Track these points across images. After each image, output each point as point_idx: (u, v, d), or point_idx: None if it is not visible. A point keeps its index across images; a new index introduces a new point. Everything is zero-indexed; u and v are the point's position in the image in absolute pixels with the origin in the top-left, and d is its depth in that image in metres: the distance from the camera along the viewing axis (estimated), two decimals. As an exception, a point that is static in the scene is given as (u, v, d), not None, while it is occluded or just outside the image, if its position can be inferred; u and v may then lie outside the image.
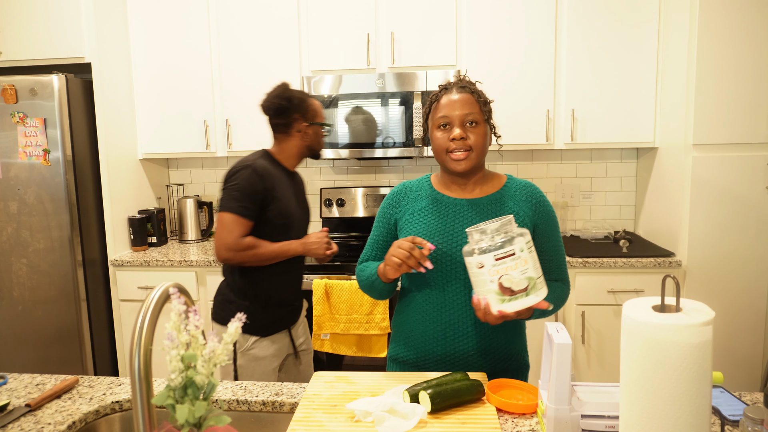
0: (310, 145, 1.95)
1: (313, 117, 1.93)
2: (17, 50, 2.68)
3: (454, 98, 1.37)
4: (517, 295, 1.16)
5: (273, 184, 1.83)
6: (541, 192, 1.43)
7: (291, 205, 1.91)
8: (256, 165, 1.81)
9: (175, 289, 0.88)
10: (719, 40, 2.33)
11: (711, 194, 2.40)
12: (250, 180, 1.78)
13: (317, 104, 1.95)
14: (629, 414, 0.82)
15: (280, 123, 1.90)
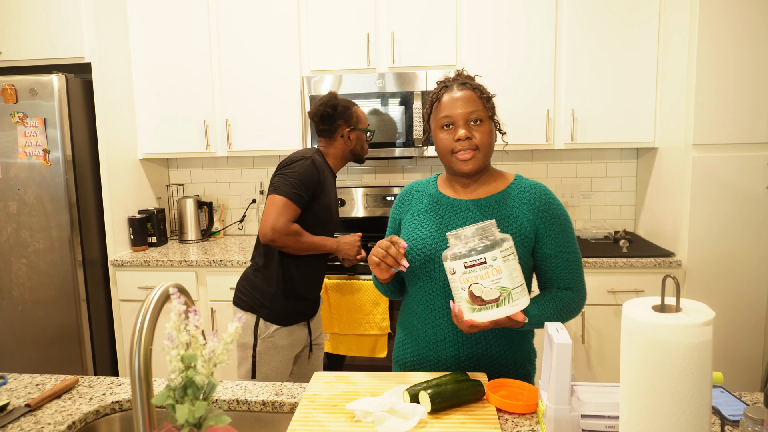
0: (354, 150, 2.07)
1: (356, 123, 2.05)
2: (17, 50, 2.68)
3: (456, 96, 1.32)
4: (487, 305, 1.12)
5: (324, 179, 1.96)
6: (548, 194, 1.33)
7: (333, 202, 2.05)
8: (315, 158, 1.94)
9: (175, 289, 0.88)
10: (719, 40, 2.33)
11: (711, 194, 2.40)
12: (308, 171, 1.90)
13: (361, 112, 2.08)
14: (629, 414, 0.82)
15: (325, 128, 2.03)
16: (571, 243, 1.33)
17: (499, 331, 1.34)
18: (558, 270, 1.33)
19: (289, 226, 1.88)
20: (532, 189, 1.34)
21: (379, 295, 2.45)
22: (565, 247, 1.32)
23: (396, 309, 2.50)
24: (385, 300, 2.44)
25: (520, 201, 1.33)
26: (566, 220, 1.33)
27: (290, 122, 2.86)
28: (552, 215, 1.31)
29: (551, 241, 1.31)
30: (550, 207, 1.31)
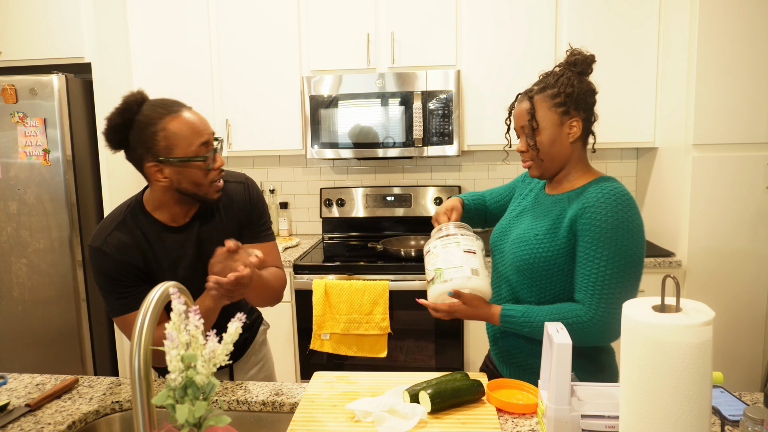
0: (182, 188, 1.29)
1: (166, 150, 1.25)
2: (17, 50, 2.68)
3: (515, 110, 1.38)
4: (428, 285, 1.32)
5: (135, 260, 1.30)
6: (595, 201, 1.22)
7: (170, 274, 1.35)
8: (107, 243, 1.28)
9: (175, 289, 0.88)
10: (719, 40, 2.33)
11: (711, 194, 2.40)
12: (102, 271, 1.28)
13: (178, 126, 1.25)
14: (629, 414, 0.82)
15: (129, 158, 1.33)
16: (599, 254, 1.20)
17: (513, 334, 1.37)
18: (578, 278, 1.24)
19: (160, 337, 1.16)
20: (587, 193, 1.25)
21: (379, 295, 2.45)
22: (589, 256, 1.21)
23: (396, 309, 2.50)
24: (385, 300, 2.44)
25: (573, 202, 1.27)
26: (601, 229, 1.19)
27: (290, 122, 2.86)
28: (586, 221, 1.22)
29: (580, 247, 1.23)
30: (587, 214, 1.22)
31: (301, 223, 3.29)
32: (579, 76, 1.31)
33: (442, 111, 2.67)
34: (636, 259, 1.20)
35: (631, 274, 1.20)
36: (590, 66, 1.32)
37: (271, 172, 3.26)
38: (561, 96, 1.28)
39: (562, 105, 1.28)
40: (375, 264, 2.55)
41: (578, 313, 1.22)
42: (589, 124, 1.33)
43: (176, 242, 1.34)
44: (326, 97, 2.74)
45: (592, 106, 1.33)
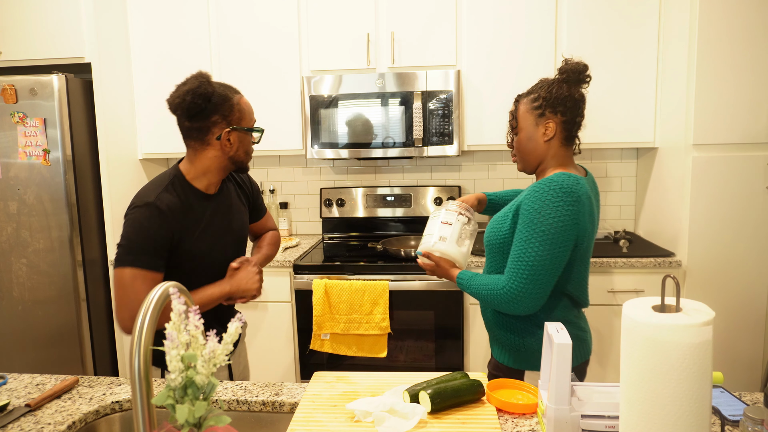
0: (235, 156, 1.50)
1: (238, 120, 1.49)
2: (17, 50, 2.68)
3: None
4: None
5: (180, 221, 1.43)
6: (533, 189, 1.36)
7: (207, 241, 1.50)
8: (159, 200, 1.41)
9: (175, 289, 0.88)
10: (719, 40, 2.33)
11: (711, 194, 2.40)
12: (145, 226, 1.38)
13: (245, 103, 1.52)
14: (629, 414, 0.82)
15: (194, 127, 1.47)
16: (524, 235, 1.35)
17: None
18: (510, 252, 1.42)
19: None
20: (534, 183, 1.40)
21: (379, 295, 2.45)
22: (518, 237, 1.37)
23: (396, 309, 2.50)
24: (385, 300, 2.44)
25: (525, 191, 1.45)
26: (530, 214, 1.34)
27: (290, 122, 2.86)
28: (523, 206, 1.38)
29: (517, 225, 1.39)
30: (525, 199, 1.38)
31: (301, 223, 3.29)
32: (564, 83, 1.45)
33: (442, 111, 2.67)
34: (554, 243, 1.32)
35: (547, 256, 1.33)
36: (579, 74, 1.44)
37: (271, 172, 3.26)
38: (539, 100, 1.45)
39: (538, 108, 1.45)
40: (375, 264, 2.55)
41: (497, 283, 1.39)
42: (570, 126, 1.45)
43: (208, 209, 1.52)
44: (326, 97, 2.74)
45: (573, 111, 1.44)
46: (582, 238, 1.37)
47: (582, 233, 1.36)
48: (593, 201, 1.43)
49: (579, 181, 1.36)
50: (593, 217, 1.42)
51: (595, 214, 1.43)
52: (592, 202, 1.40)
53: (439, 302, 2.50)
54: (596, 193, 1.51)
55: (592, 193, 1.45)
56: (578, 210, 1.34)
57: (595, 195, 1.50)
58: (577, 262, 1.40)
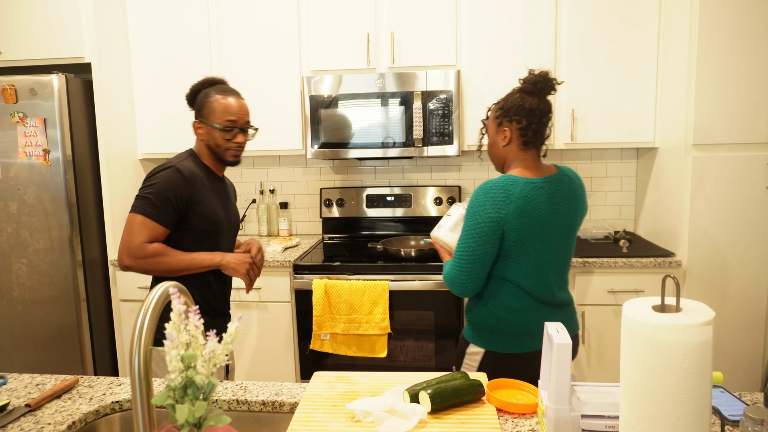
0: (210, 146, 1.74)
1: (207, 115, 1.71)
2: (17, 50, 2.68)
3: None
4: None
5: (196, 185, 1.67)
6: (476, 190, 1.57)
7: (218, 209, 1.74)
8: (182, 165, 1.67)
9: (175, 289, 0.88)
10: (719, 40, 2.33)
11: (711, 194, 2.40)
12: (170, 181, 1.63)
13: (220, 105, 1.70)
14: (629, 414, 0.82)
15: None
16: (463, 230, 1.58)
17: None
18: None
19: (145, 248, 1.59)
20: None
21: (379, 295, 2.45)
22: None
23: (396, 309, 2.50)
24: (385, 300, 2.44)
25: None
26: (470, 210, 1.57)
27: (290, 122, 2.86)
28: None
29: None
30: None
31: (301, 223, 3.29)
32: (522, 93, 1.60)
33: (442, 111, 2.67)
34: (477, 237, 1.53)
35: (471, 248, 1.54)
36: (536, 85, 1.58)
37: (271, 172, 3.26)
38: (500, 110, 1.63)
39: (497, 117, 1.64)
40: (375, 264, 2.55)
41: (444, 271, 1.65)
42: (526, 132, 1.59)
43: (218, 188, 1.77)
44: (326, 97, 2.74)
45: (528, 118, 1.58)
46: (510, 231, 1.51)
47: (509, 227, 1.51)
48: (542, 199, 1.54)
49: (514, 181, 1.52)
50: (533, 213, 1.52)
51: (541, 211, 1.54)
52: (531, 200, 1.52)
53: (439, 302, 2.50)
54: (571, 190, 1.61)
55: (550, 194, 1.56)
56: (502, 207, 1.50)
57: (567, 192, 1.59)
58: (516, 252, 1.54)
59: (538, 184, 1.55)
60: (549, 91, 1.60)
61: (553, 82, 1.59)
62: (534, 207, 1.52)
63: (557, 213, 1.56)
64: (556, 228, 1.57)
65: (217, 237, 1.74)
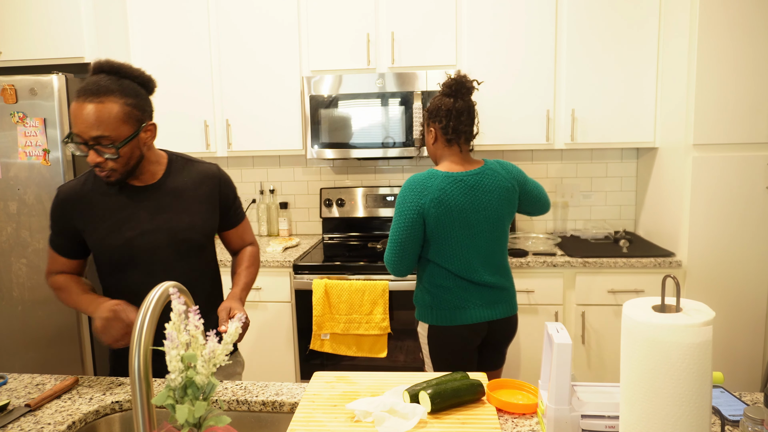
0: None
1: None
2: (17, 50, 2.68)
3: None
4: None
5: (81, 210, 1.41)
6: (404, 184, 1.78)
7: (122, 232, 1.41)
8: (65, 188, 1.44)
9: (174, 289, 0.88)
10: (719, 40, 2.33)
11: (711, 194, 2.40)
12: (54, 208, 1.45)
13: (73, 107, 1.31)
14: (629, 414, 0.82)
15: None
16: (393, 220, 1.79)
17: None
18: None
19: (49, 280, 1.51)
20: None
21: (379, 295, 2.45)
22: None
23: (396, 309, 2.50)
24: (385, 300, 2.44)
25: None
26: (396, 202, 1.78)
27: (290, 122, 2.86)
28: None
29: None
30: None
31: (301, 223, 3.29)
32: (441, 96, 1.82)
33: (442, 111, 2.67)
34: (399, 224, 1.75)
35: (395, 234, 1.77)
36: (450, 88, 1.80)
37: (271, 172, 3.26)
38: (427, 113, 1.86)
39: (425, 119, 1.88)
40: (375, 264, 2.55)
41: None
42: (446, 131, 1.80)
43: (130, 202, 1.43)
44: (326, 97, 2.74)
45: (445, 118, 1.79)
46: (429, 219, 1.73)
47: (428, 215, 1.72)
48: (459, 191, 1.74)
49: (434, 175, 1.75)
50: (448, 203, 1.72)
51: (458, 202, 1.73)
52: (448, 192, 1.72)
53: (439, 302, 2.50)
54: (495, 182, 1.78)
55: (469, 186, 1.75)
56: (421, 198, 1.72)
57: (489, 184, 1.77)
58: (437, 238, 1.75)
59: (457, 177, 1.76)
60: (465, 93, 1.81)
61: (468, 84, 1.80)
62: (450, 197, 1.73)
63: (477, 203, 1.76)
64: (476, 217, 1.76)
65: (127, 265, 1.42)
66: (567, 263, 2.49)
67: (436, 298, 1.81)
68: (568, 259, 2.49)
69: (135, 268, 1.43)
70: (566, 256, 2.53)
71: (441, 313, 1.81)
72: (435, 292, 1.81)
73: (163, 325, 1.22)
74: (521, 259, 2.52)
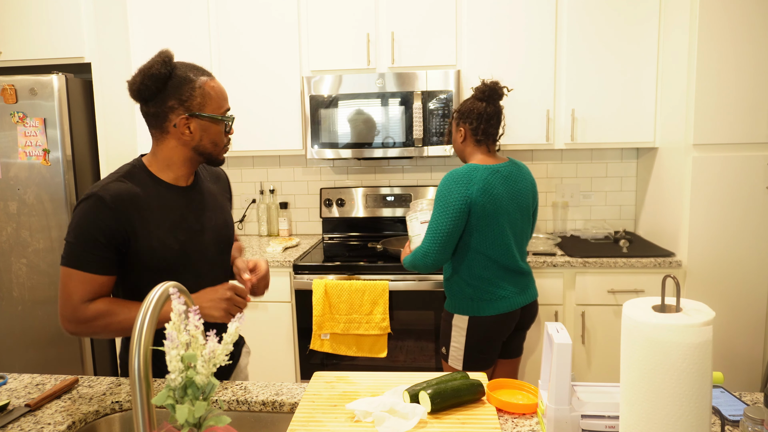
0: (199, 147, 1.33)
1: (199, 106, 1.30)
2: (17, 50, 2.68)
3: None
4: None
5: (133, 214, 1.26)
6: (444, 177, 1.87)
7: (176, 235, 1.33)
8: (105, 191, 1.24)
9: (174, 289, 0.88)
10: (720, 40, 2.33)
11: (711, 194, 2.40)
12: (90, 217, 1.22)
13: (211, 87, 1.31)
14: (629, 414, 0.82)
15: (151, 112, 1.31)
16: (434, 211, 1.87)
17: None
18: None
19: (85, 311, 1.23)
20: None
21: (379, 295, 2.45)
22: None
23: (396, 309, 2.50)
24: (385, 300, 2.44)
25: None
26: (436, 195, 1.87)
27: (290, 122, 2.86)
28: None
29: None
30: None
31: (301, 223, 3.29)
32: (474, 100, 1.96)
33: (442, 111, 2.67)
34: (445, 214, 1.83)
35: (441, 224, 1.83)
36: (483, 93, 1.94)
37: (271, 172, 3.26)
38: (457, 113, 2.00)
39: (456, 119, 2.01)
40: (375, 264, 2.55)
41: (413, 252, 1.92)
42: (476, 131, 1.93)
43: (178, 203, 1.35)
44: (326, 97, 2.74)
45: (477, 120, 1.93)
46: (475, 208, 1.82)
47: (474, 204, 1.82)
48: (499, 181, 1.87)
49: (476, 168, 1.86)
50: (492, 192, 1.84)
51: (499, 191, 1.86)
52: (490, 182, 1.84)
53: (439, 302, 2.50)
54: (522, 175, 1.95)
55: (505, 177, 1.89)
56: (468, 188, 1.82)
57: (519, 176, 1.93)
58: (482, 226, 1.85)
59: (495, 168, 1.88)
60: (497, 98, 1.95)
61: (500, 91, 1.94)
62: (493, 187, 1.84)
63: (512, 192, 1.89)
64: (512, 205, 1.89)
65: (178, 271, 1.33)
66: (567, 263, 2.49)
67: (477, 289, 1.90)
68: (568, 259, 2.49)
69: (187, 271, 1.34)
70: (566, 256, 2.53)
71: (483, 304, 1.90)
72: (476, 283, 1.91)
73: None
74: (521, 259, 2.52)
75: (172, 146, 1.33)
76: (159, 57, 1.27)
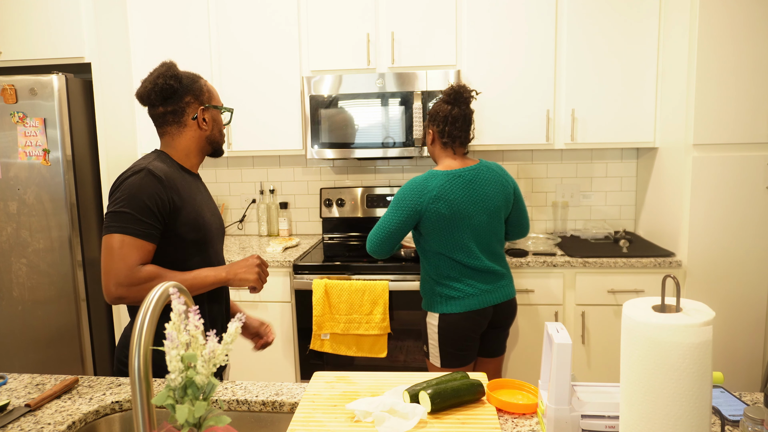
0: (211, 137, 1.54)
1: (209, 99, 1.53)
2: (17, 50, 2.68)
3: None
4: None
5: (175, 186, 1.42)
6: (404, 185, 1.96)
7: (204, 211, 1.51)
8: (152, 167, 1.39)
9: (175, 289, 0.88)
10: (720, 40, 2.33)
11: (711, 194, 2.40)
12: (144, 187, 1.34)
13: (211, 86, 1.57)
14: (629, 414, 0.82)
15: (169, 111, 1.48)
16: (388, 211, 1.96)
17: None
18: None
19: (138, 273, 1.32)
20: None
21: (379, 295, 2.45)
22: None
23: (396, 309, 2.50)
24: (385, 300, 2.44)
25: None
26: (394, 198, 1.96)
27: (290, 122, 2.86)
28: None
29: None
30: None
31: (301, 223, 3.29)
32: (442, 103, 2.00)
33: (442, 111, 2.67)
34: (392, 216, 1.93)
35: (385, 223, 1.94)
36: (449, 96, 1.98)
37: (271, 172, 3.26)
38: (428, 116, 2.04)
39: (426, 121, 2.05)
40: (375, 264, 2.55)
41: (371, 232, 1.99)
42: (443, 134, 1.98)
43: (196, 188, 1.54)
44: (326, 97, 2.74)
45: (443, 123, 1.98)
46: (428, 214, 1.89)
47: (426, 212, 1.89)
48: (459, 186, 1.91)
49: (435, 175, 1.93)
50: (449, 198, 1.89)
51: (457, 196, 1.90)
52: (447, 189, 1.89)
53: (439, 302, 2.50)
54: (490, 177, 1.97)
55: (468, 181, 1.92)
56: (419, 196, 1.89)
57: (486, 178, 1.95)
58: (439, 230, 1.91)
59: (456, 173, 1.93)
60: (462, 101, 1.97)
61: (465, 94, 1.97)
62: (450, 193, 1.90)
63: (476, 196, 1.92)
64: (474, 208, 1.92)
65: (206, 246, 1.50)
66: (567, 263, 2.49)
67: (446, 287, 1.96)
68: (568, 259, 2.49)
69: (210, 246, 1.52)
70: (566, 256, 2.53)
71: (452, 302, 1.95)
72: (444, 282, 1.97)
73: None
74: (521, 259, 2.52)
75: (190, 137, 1.52)
76: (166, 64, 1.49)
